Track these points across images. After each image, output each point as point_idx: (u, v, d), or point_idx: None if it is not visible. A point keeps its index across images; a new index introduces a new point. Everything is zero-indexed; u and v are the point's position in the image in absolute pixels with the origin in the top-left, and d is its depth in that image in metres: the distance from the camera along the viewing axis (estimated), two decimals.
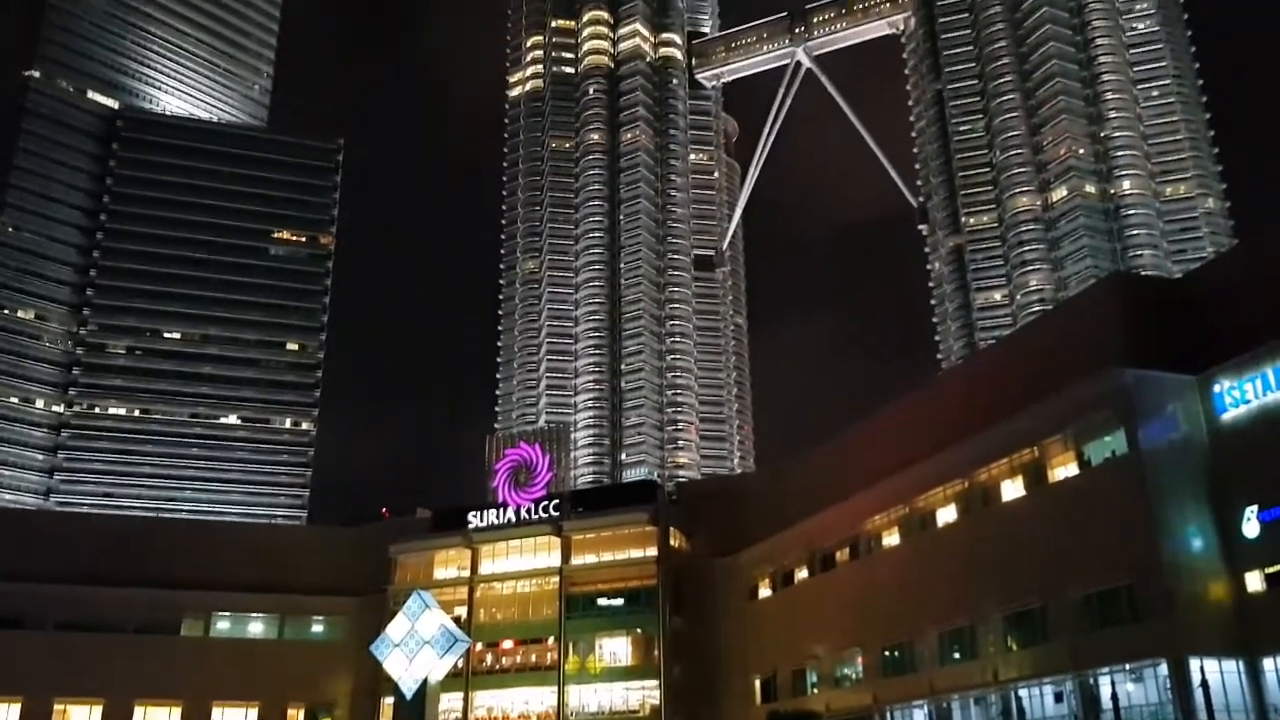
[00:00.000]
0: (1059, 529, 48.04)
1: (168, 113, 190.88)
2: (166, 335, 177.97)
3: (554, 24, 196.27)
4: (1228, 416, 45.19)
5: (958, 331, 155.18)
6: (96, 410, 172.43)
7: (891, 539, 61.18)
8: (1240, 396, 44.81)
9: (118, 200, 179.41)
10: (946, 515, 56.95)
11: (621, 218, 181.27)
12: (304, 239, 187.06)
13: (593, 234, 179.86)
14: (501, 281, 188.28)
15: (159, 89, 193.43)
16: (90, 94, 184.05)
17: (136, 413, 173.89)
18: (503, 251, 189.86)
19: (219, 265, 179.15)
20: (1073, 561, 46.69)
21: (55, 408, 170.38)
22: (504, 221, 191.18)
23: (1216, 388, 45.71)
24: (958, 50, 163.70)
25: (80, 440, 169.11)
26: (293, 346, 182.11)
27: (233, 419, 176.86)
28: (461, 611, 79.45)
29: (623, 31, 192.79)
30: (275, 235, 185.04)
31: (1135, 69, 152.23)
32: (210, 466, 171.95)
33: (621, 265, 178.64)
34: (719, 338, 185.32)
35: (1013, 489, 52.56)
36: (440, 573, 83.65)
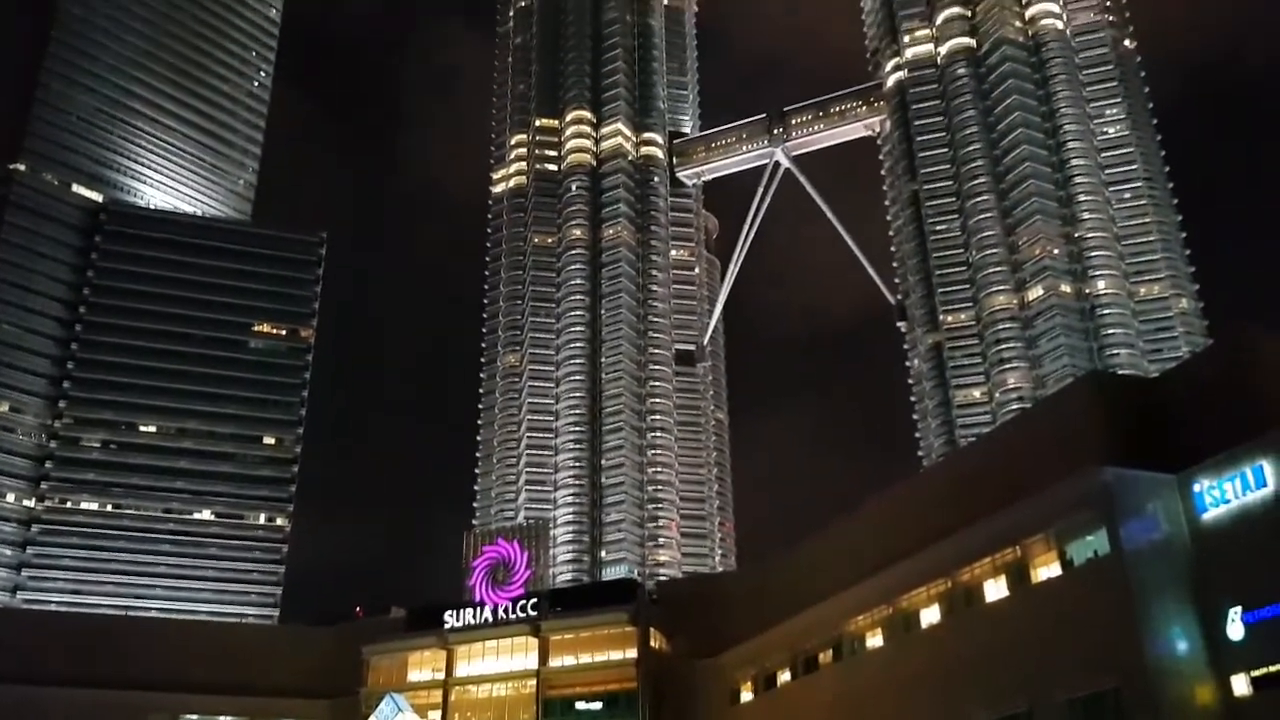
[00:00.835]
0: (1043, 630, 47.43)
1: (152, 206, 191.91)
2: (142, 428, 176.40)
3: (538, 123, 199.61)
4: (1209, 516, 45.02)
5: (938, 429, 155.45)
6: (68, 505, 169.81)
7: (875, 640, 60.23)
8: (1220, 496, 44.73)
9: (98, 293, 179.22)
10: (930, 615, 56.18)
11: (603, 312, 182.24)
12: (284, 332, 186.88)
13: (574, 328, 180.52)
14: (482, 375, 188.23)
15: (144, 183, 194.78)
16: (75, 187, 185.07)
17: (109, 508, 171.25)
18: (483, 345, 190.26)
19: (198, 358, 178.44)
20: (1058, 664, 46.00)
21: (26, 502, 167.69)
22: (485, 315, 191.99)
23: (1196, 487, 45.63)
24: (933, 152, 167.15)
25: (50, 536, 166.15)
26: (269, 440, 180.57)
27: (206, 514, 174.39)
28: (436, 716, 77.57)
29: (605, 131, 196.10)
30: (256, 328, 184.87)
31: (1107, 171, 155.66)
32: (182, 563, 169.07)
33: (602, 360, 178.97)
34: (700, 433, 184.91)
35: (996, 589, 51.99)
36: (414, 674, 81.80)
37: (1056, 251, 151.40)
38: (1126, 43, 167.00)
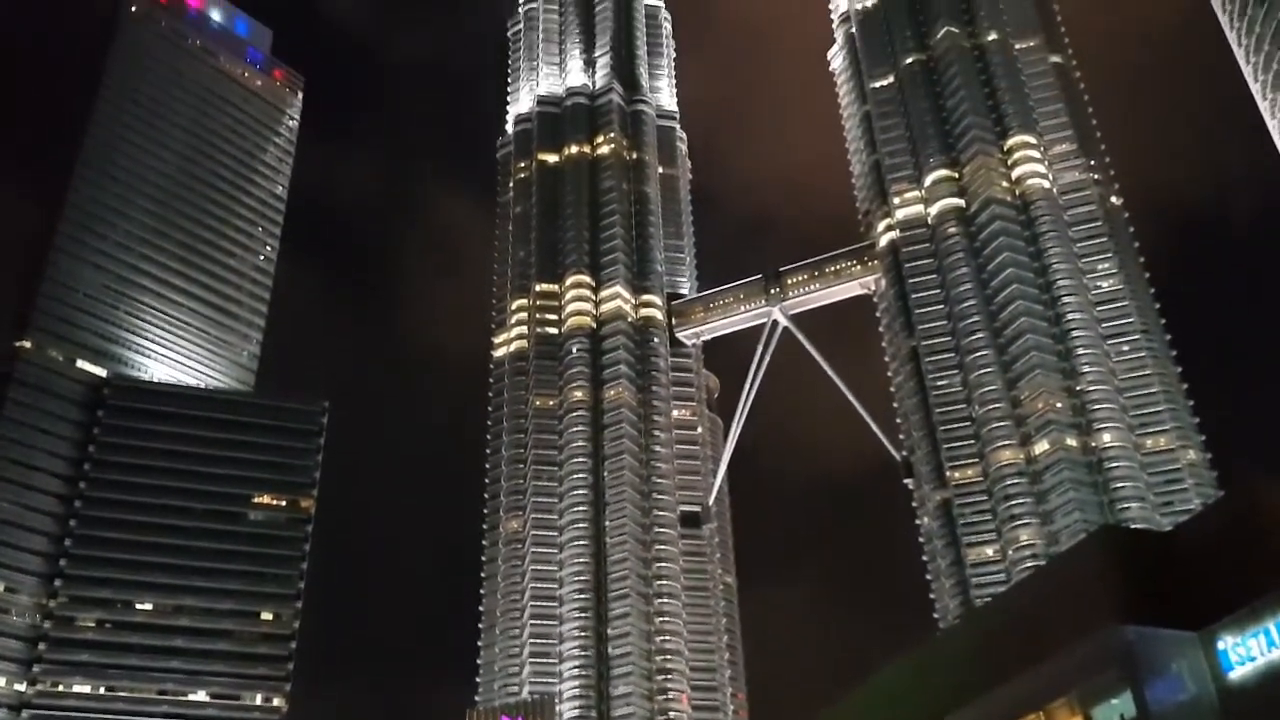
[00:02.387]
0: None
1: (155, 380, 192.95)
2: (139, 606, 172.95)
3: (538, 287, 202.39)
4: (1235, 675, 42.79)
5: (952, 589, 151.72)
6: (60, 688, 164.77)
7: None
8: (1246, 654, 42.63)
9: (98, 468, 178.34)
10: None
11: (606, 474, 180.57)
12: (284, 503, 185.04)
13: (577, 491, 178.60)
14: (484, 542, 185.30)
15: (148, 356, 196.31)
16: (79, 363, 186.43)
17: (102, 690, 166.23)
18: (485, 511, 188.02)
19: (197, 532, 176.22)
20: None
21: (18, 686, 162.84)
22: (487, 480, 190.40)
23: (1220, 644, 43.57)
24: (929, 309, 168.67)
25: None
26: (267, 616, 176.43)
27: (202, 695, 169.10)
28: None
29: (604, 294, 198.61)
30: (255, 500, 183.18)
31: (1103, 325, 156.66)
32: None
33: (607, 524, 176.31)
34: (708, 599, 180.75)
35: None
36: None
37: (1059, 405, 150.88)
38: (1113, 199, 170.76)
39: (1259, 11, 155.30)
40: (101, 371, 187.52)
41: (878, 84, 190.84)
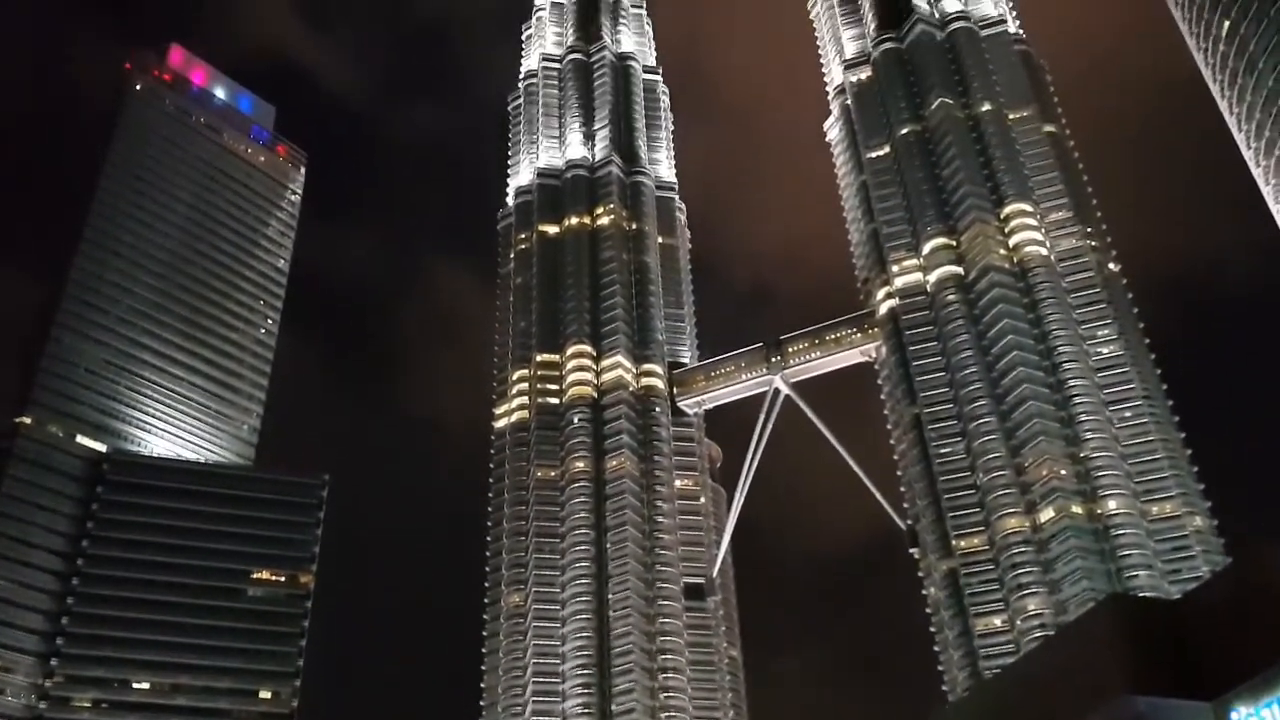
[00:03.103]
0: None
1: (155, 455, 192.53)
2: (135, 685, 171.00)
3: (539, 358, 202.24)
4: None
5: (961, 660, 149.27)
6: None
7: None
8: None
9: (97, 544, 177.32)
10: None
11: (608, 546, 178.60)
12: (283, 579, 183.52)
13: (579, 564, 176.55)
14: (485, 617, 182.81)
15: (148, 431, 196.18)
16: (79, 438, 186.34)
17: None
18: (486, 585, 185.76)
19: (195, 609, 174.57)
20: None
21: None
22: (488, 554, 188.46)
23: (1234, 716, 42.71)
24: (930, 376, 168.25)
25: None
26: (266, 695, 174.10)
27: None
28: None
29: (605, 364, 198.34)
30: (254, 576, 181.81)
31: (1105, 391, 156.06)
32: None
33: (610, 596, 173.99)
34: (714, 673, 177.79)
35: None
36: None
37: (1064, 472, 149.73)
38: (1111, 266, 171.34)
39: (1248, 81, 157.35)
40: (101, 447, 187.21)
41: (874, 154, 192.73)
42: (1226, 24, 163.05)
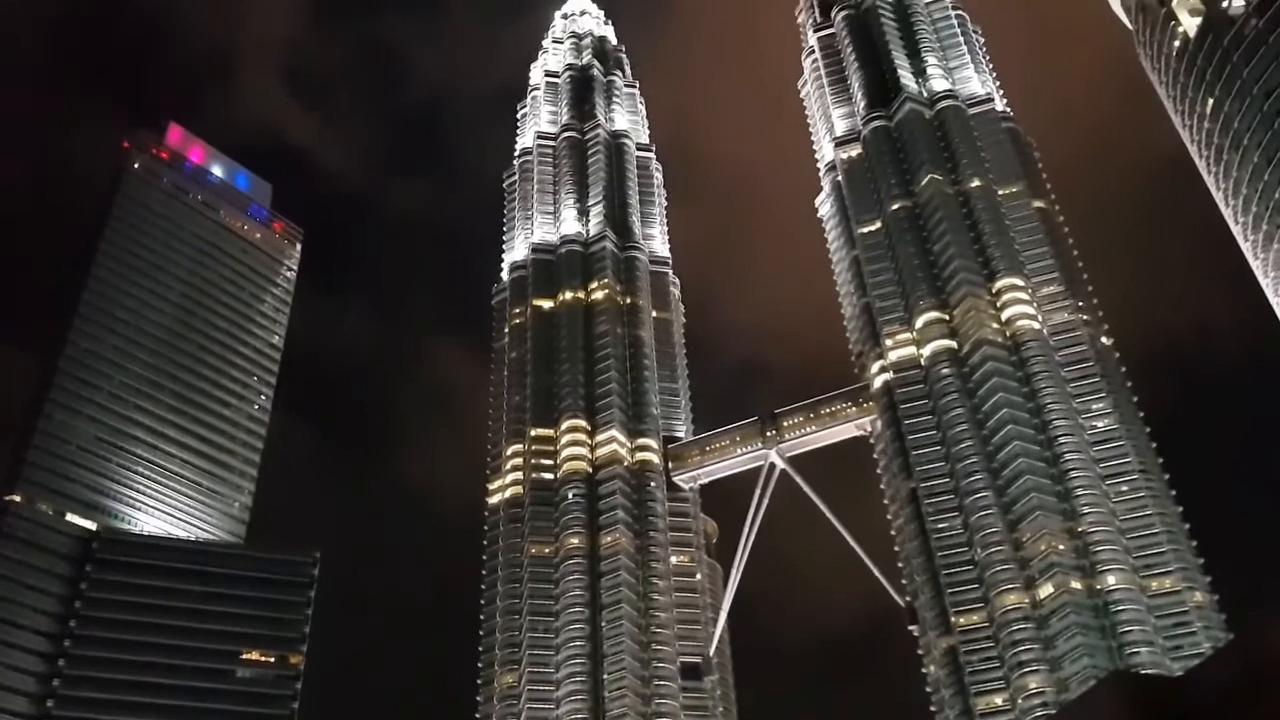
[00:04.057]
0: None
1: (145, 532, 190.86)
2: None
3: (533, 432, 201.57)
4: None
5: None
6: None
7: None
8: None
9: (84, 624, 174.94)
10: None
11: (604, 624, 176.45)
12: (273, 659, 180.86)
13: (574, 643, 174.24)
14: (479, 699, 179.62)
15: (139, 509, 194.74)
16: (69, 516, 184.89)
17: None
18: (480, 665, 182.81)
19: (183, 692, 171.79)
20: None
21: None
22: (481, 632, 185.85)
23: None
24: (926, 450, 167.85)
25: None
26: None
27: None
28: None
29: (600, 438, 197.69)
30: (244, 656, 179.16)
31: (1101, 465, 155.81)
32: None
33: (605, 676, 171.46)
34: None
35: None
36: None
37: (1062, 547, 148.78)
38: (1104, 339, 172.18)
39: (1234, 158, 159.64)
40: (91, 524, 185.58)
41: (865, 229, 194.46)
42: (1210, 101, 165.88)
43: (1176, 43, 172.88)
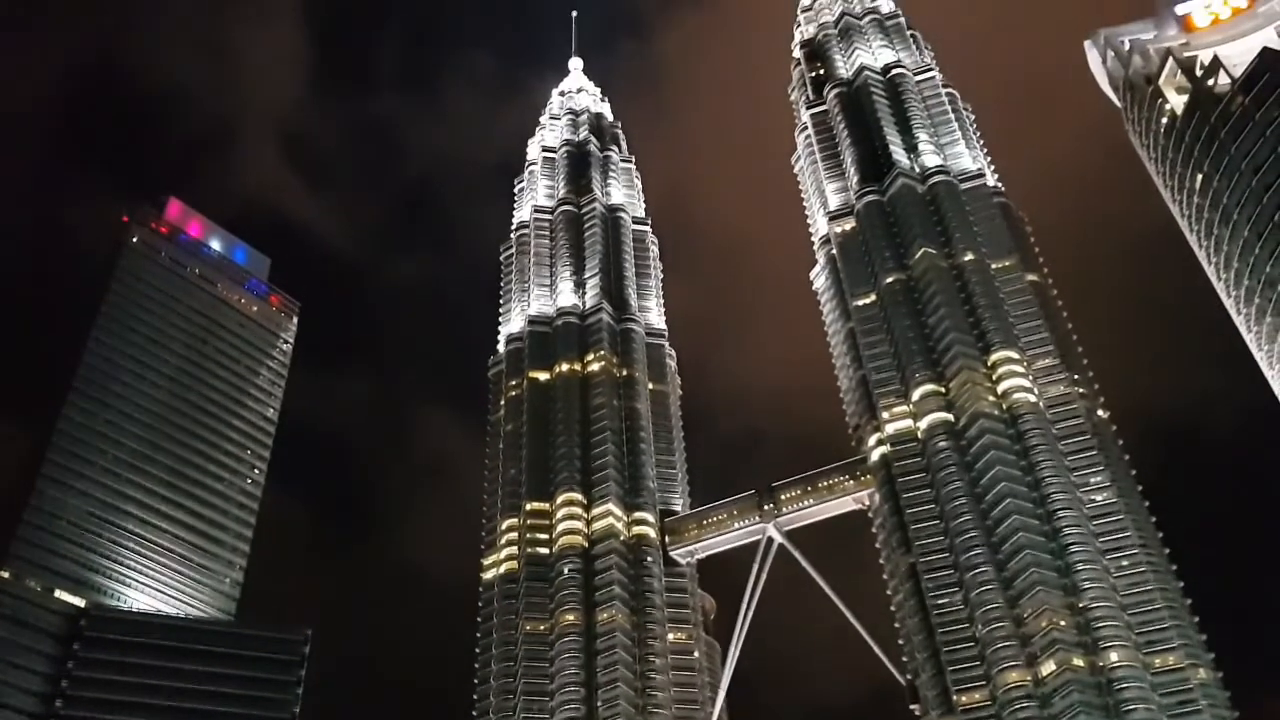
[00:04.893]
0: None
1: (134, 609, 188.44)
2: None
3: (529, 506, 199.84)
4: None
5: None
6: None
7: None
8: None
9: (71, 704, 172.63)
10: None
11: (600, 704, 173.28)
12: None
13: None
14: None
15: (129, 585, 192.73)
16: (58, 593, 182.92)
17: None
18: None
19: None
20: None
21: None
22: (475, 712, 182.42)
23: None
24: (925, 524, 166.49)
25: None
26: None
27: None
28: None
29: (596, 512, 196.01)
30: None
31: (1101, 540, 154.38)
32: None
33: None
34: None
35: None
36: None
37: (1064, 624, 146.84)
38: (1100, 412, 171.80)
39: (1224, 232, 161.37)
40: (80, 601, 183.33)
41: (860, 302, 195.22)
42: (1199, 177, 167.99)
43: (1164, 119, 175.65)
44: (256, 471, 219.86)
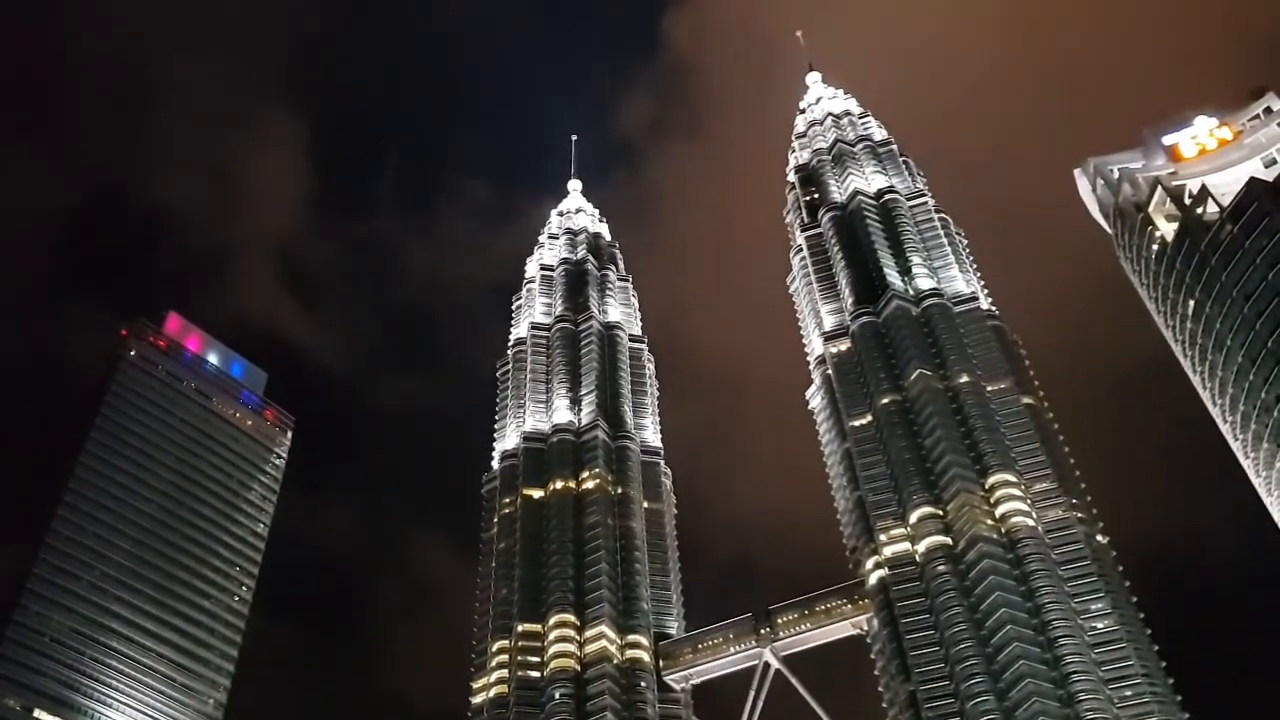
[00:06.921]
0: None
1: None
2: None
3: (520, 628, 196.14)
4: None
5: None
6: None
7: None
8: None
9: None
10: None
11: None
12: None
13: None
14: None
15: (110, 705, 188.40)
16: (37, 713, 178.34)
17: None
18: None
19: None
20: None
21: None
22: None
23: None
24: (924, 651, 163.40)
25: None
26: None
27: None
28: None
29: (589, 634, 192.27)
30: None
31: (1103, 668, 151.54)
32: None
33: None
34: None
35: None
36: None
37: None
38: (1099, 537, 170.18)
39: (1218, 358, 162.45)
40: None
41: (856, 423, 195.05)
42: (1191, 303, 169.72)
43: (1155, 246, 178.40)
44: (244, 589, 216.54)
